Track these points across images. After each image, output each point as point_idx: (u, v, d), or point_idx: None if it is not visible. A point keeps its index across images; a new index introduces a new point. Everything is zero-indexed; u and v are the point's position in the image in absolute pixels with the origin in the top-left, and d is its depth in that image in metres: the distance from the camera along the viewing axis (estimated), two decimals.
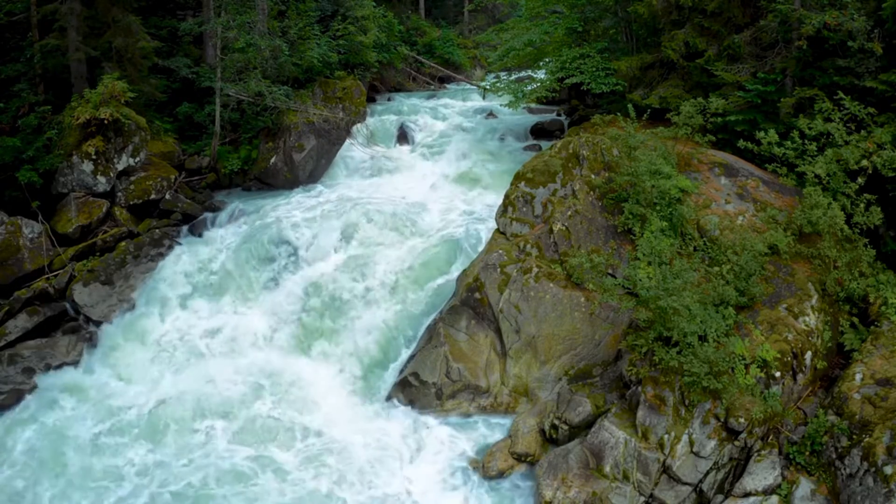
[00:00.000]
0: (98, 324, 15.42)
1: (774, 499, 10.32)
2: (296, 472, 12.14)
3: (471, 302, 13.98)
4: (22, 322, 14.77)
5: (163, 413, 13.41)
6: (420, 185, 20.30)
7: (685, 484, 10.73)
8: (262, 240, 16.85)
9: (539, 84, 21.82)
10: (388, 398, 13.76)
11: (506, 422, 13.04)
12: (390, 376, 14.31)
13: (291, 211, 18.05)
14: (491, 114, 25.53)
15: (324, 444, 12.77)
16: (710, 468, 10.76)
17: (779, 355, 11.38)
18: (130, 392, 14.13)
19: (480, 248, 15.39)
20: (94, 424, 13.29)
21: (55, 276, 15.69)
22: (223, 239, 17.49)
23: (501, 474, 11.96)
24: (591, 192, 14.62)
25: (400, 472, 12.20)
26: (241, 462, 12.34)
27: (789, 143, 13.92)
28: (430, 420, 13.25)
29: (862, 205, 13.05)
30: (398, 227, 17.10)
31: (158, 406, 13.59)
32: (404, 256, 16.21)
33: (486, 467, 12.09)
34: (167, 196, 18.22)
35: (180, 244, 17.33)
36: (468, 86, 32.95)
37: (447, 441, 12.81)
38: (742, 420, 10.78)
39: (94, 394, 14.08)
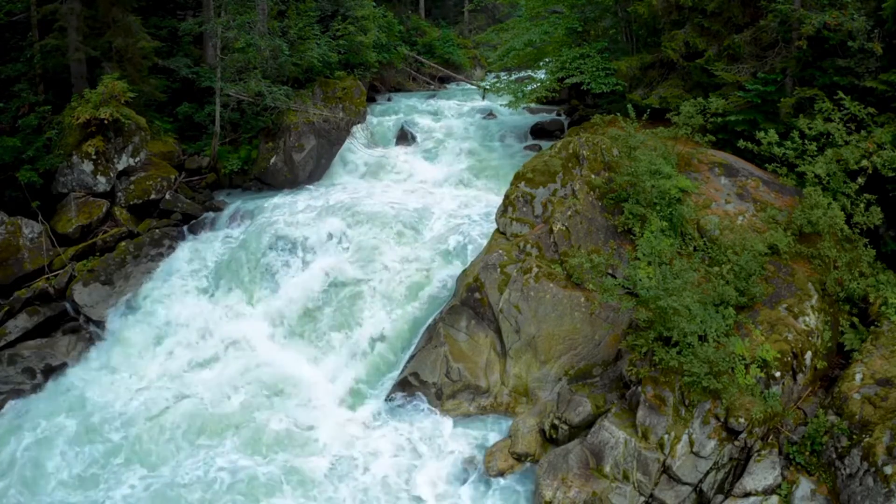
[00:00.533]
0: (98, 324, 15.41)
1: (774, 499, 10.32)
2: (323, 485, 11.92)
3: (471, 302, 13.97)
4: (22, 322, 14.77)
5: (161, 424, 13.16)
6: (419, 186, 20.32)
7: (685, 484, 10.72)
8: (259, 241, 16.86)
9: (539, 84, 21.86)
10: (389, 399, 13.75)
11: (506, 422, 13.03)
12: (390, 379, 14.28)
13: (289, 213, 17.98)
14: (491, 114, 25.53)
15: (329, 450, 12.69)
16: (710, 468, 10.76)
17: (779, 355, 11.38)
18: (125, 401, 13.89)
19: (480, 250, 15.38)
20: (81, 449, 12.70)
21: (55, 276, 15.69)
22: (219, 245, 17.41)
23: (501, 474, 11.95)
24: (591, 192, 14.62)
25: (406, 474, 12.19)
26: (253, 475, 11.98)
27: (789, 143, 13.92)
28: (430, 420, 13.24)
29: (862, 205, 13.05)
30: (397, 229, 17.08)
31: (156, 417, 13.40)
32: (403, 259, 16.20)
33: (486, 467, 12.08)
34: (167, 196, 18.22)
35: (181, 244, 17.32)
36: (468, 86, 32.96)
37: (447, 441, 12.80)
38: (742, 420, 10.78)
39: (88, 404, 13.79)
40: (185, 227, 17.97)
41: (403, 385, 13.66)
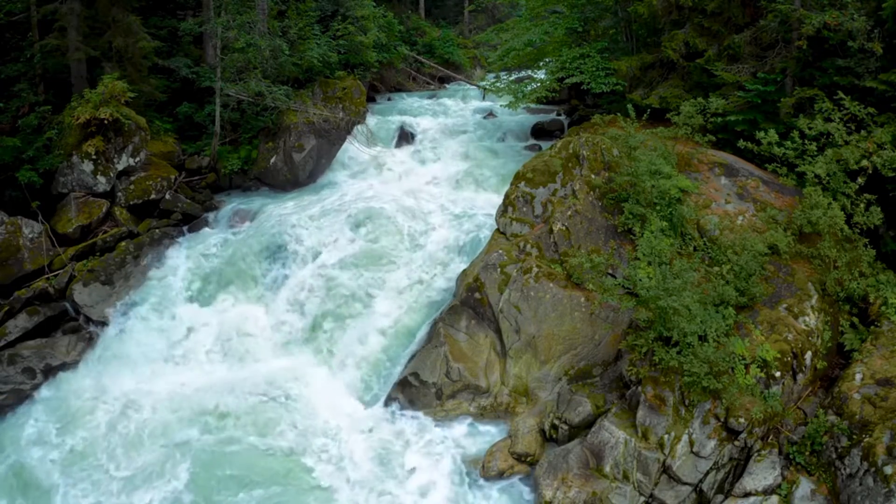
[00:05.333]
0: (98, 324, 15.38)
1: (774, 499, 10.32)
2: (323, 486, 12.05)
3: (471, 302, 13.97)
4: (22, 322, 14.75)
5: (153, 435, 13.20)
6: (419, 186, 20.30)
7: (685, 484, 10.73)
8: (259, 241, 16.84)
9: (539, 84, 21.82)
10: (389, 399, 13.74)
11: (506, 422, 13.03)
12: (390, 379, 14.26)
13: (289, 213, 17.93)
14: (491, 114, 25.54)
15: (328, 451, 12.72)
16: (710, 468, 10.76)
17: (779, 355, 11.38)
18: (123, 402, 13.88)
19: (480, 250, 15.38)
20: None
21: (55, 276, 15.67)
22: (219, 245, 17.34)
23: (501, 474, 11.96)
24: (591, 192, 14.62)
25: (406, 474, 12.20)
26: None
27: (789, 143, 13.92)
28: (430, 420, 13.25)
29: (862, 205, 13.04)
30: (396, 229, 17.07)
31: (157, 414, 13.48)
32: (402, 259, 16.19)
33: (485, 467, 12.09)
34: (167, 196, 18.22)
35: (181, 244, 17.31)
36: (468, 86, 32.94)
37: (447, 441, 12.80)
38: (742, 420, 10.79)
39: (84, 415, 13.71)
40: (185, 227, 17.95)
41: (403, 385, 13.66)
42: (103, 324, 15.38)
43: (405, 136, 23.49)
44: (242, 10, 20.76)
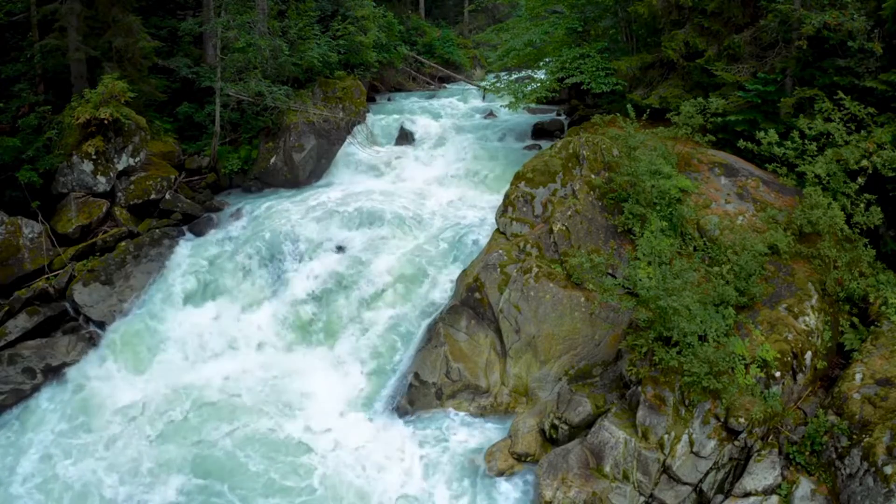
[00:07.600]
0: (98, 324, 15.37)
1: (774, 499, 10.32)
2: (321, 485, 12.05)
3: (471, 302, 13.97)
4: (22, 322, 14.76)
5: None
6: (419, 185, 20.30)
7: (685, 484, 10.73)
8: (259, 241, 16.85)
9: (539, 84, 21.81)
10: (389, 400, 13.73)
11: (506, 422, 13.03)
12: (390, 379, 14.26)
13: (288, 213, 17.90)
14: (491, 114, 25.54)
15: (328, 452, 12.71)
16: (710, 468, 10.76)
17: (779, 355, 11.38)
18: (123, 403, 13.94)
19: (480, 250, 15.37)
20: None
21: (55, 276, 15.68)
22: (219, 245, 17.35)
23: (501, 474, 11.95)
24: (591, 192, 14.62)
25: (406, 475, 12.19)
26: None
27: (789, 143, 13.92)
28: (430, 421, 13.24)
29: (862, 205, 13.04)
30: (396, 229, 17.06)
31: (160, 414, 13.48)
32: (402, 259, 16.19)
33: (486, 467, 12.08)
34: (167, 196, 18.23)
35: (181, 244, 17.29)
36: (468, 86, 32.94)
37: (447, 442, 12.79)
38: (742, 420, 10.78)
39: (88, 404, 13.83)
40: (185, 227, 17.95)
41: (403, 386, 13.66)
42: (103, 324, 15.38)
43: (405, 136, 23.48)
44: (242, 10, 20.79)
